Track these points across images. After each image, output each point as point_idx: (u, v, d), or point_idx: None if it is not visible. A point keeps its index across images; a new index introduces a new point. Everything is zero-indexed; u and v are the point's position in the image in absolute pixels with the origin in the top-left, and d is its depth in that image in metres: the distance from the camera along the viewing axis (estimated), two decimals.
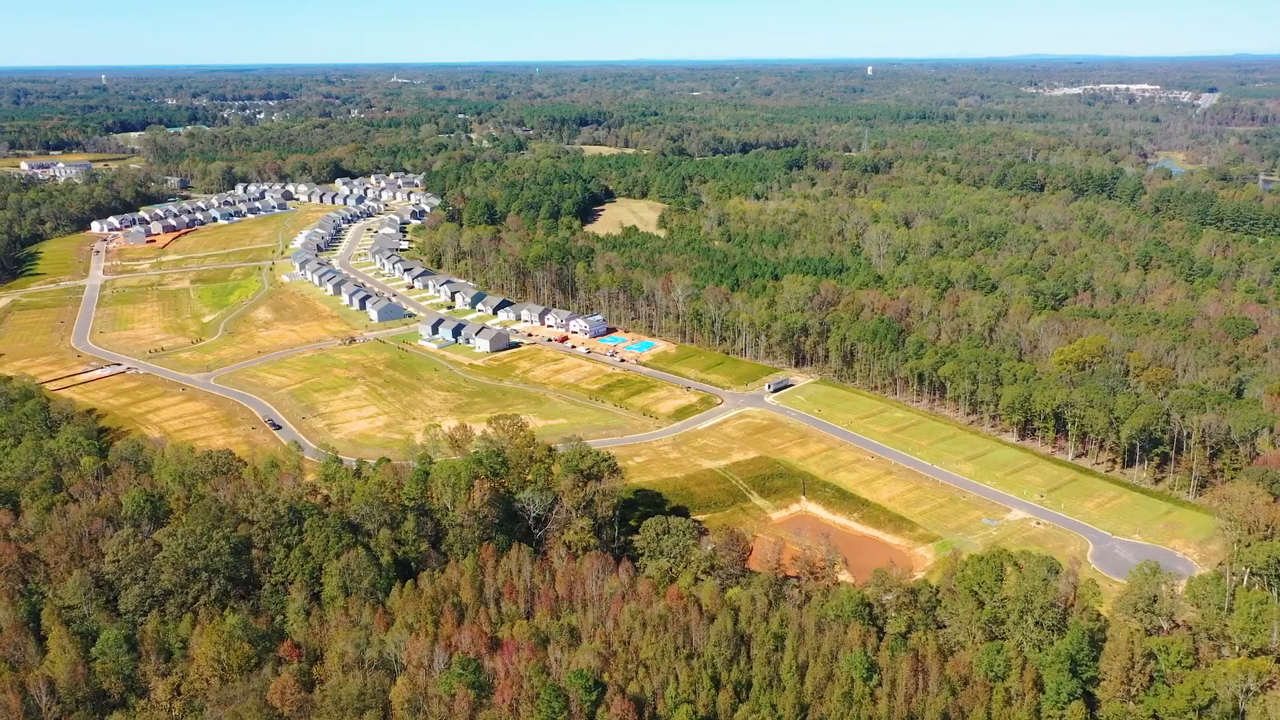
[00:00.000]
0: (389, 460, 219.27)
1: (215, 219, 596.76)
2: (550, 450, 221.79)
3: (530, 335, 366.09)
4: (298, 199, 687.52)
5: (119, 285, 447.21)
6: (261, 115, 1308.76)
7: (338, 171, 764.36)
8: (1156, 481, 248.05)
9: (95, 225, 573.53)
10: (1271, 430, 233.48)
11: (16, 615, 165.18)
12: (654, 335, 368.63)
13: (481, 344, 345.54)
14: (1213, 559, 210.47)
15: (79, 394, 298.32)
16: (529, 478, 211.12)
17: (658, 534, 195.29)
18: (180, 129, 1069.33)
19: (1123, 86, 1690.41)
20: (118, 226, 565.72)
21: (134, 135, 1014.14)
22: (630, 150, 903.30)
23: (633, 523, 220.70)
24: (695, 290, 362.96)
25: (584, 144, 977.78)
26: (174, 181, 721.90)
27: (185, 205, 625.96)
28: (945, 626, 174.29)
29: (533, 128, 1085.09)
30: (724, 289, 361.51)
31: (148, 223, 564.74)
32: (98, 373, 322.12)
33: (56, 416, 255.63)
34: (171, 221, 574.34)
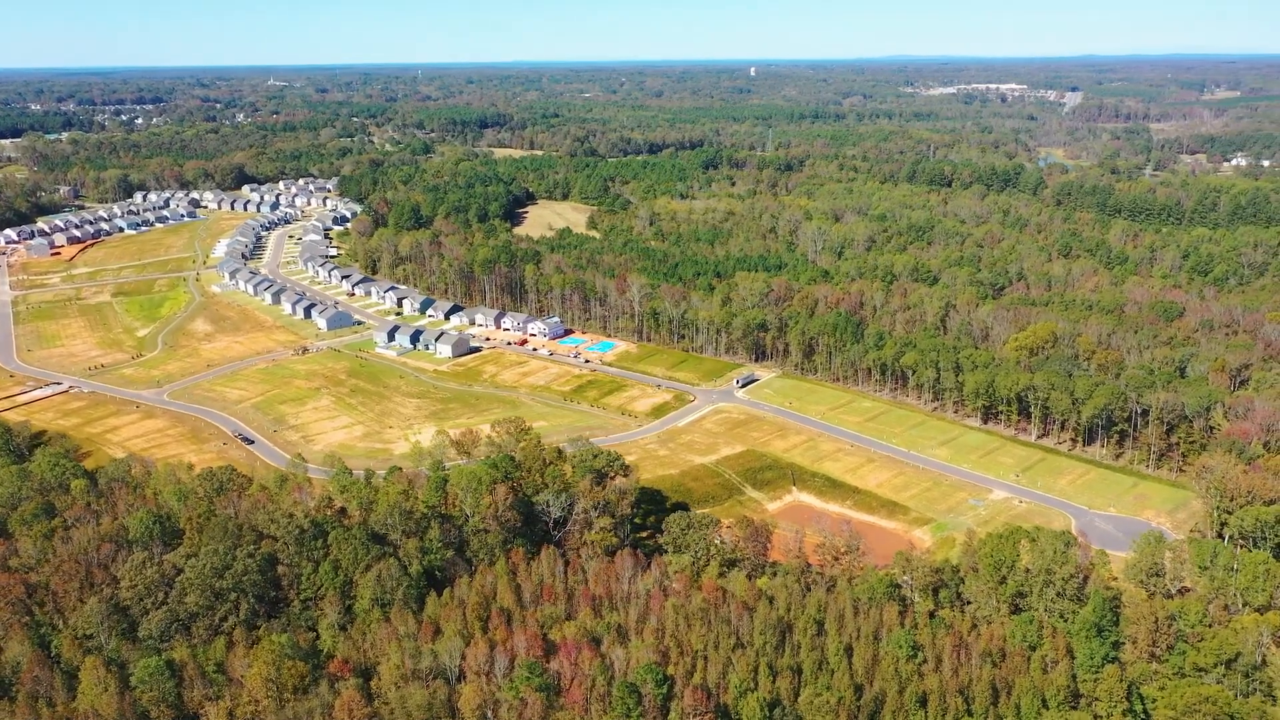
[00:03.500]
0: (400, 469, 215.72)
1: (122, 229, 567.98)
2: (559, 452, 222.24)
3: (488, 339, 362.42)
4: (206, 206, 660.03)
5: (32, 300, 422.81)
6: (140, 120, 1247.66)
7: (243, 178, 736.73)
8: (1117, 457, 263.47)
9: None
10: (1224, 405, 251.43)
11: (34, 650, 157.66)
12: (610, 336, 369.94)
13: (443, 350, 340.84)
14: (1183, 526, 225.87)
15: (23, 415, 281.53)
16: (542, 480, 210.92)
17: (682, 529, 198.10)
18: (59, 135, 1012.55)
19: (993, 86, 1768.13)
20: (16, 239, 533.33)
21: (7, 142, 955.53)
22: (539, 152, 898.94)
23: (637, 520, 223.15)
24: (650, 290, 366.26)
25: (489, 146, 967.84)
26: (65, 190, 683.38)
27: (87, 215, 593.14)
28: (970, 603, 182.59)
29: (434, 130, 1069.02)
30: (679, 288, 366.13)
31: (49, 234, 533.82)
32: (38, 393, 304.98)
33: (18, 440, 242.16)
34: (75, 232, 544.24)
